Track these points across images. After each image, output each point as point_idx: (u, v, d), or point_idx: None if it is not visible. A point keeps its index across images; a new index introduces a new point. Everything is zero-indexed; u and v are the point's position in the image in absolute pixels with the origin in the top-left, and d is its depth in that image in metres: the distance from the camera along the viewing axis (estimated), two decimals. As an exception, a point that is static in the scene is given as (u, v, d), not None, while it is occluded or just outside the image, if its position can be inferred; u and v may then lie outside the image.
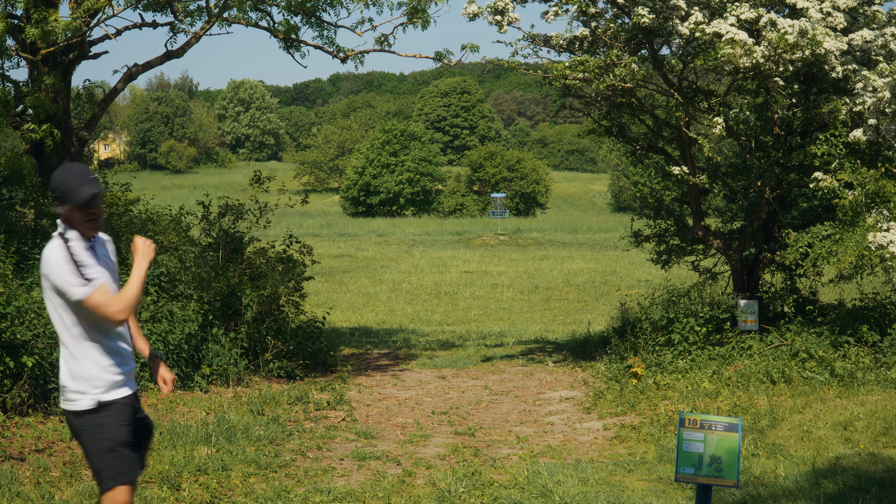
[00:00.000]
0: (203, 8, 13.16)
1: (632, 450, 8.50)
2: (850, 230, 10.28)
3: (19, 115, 11.70)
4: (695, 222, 12.90)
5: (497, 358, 14.35)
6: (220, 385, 10.54)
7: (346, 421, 9.80)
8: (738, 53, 10.55)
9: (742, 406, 9.32)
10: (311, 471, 7.75)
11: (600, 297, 23.84)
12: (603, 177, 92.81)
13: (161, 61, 12.95)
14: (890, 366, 9.87)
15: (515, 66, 12.62)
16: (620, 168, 72.52)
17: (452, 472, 7.65)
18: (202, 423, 8.60)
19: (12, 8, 11.14)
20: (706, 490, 5.49)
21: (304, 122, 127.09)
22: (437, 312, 21.33)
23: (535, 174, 74.21)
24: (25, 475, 6.94)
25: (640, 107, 12.68)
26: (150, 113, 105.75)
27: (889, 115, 10.57)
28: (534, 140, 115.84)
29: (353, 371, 12.90)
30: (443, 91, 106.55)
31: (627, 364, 11.31)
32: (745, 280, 12.52)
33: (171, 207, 13.33)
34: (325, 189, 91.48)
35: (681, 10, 11.07)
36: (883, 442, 7.90)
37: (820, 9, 11.02)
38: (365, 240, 44.79)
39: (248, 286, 11.76)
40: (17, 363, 8.02)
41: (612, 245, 39.61)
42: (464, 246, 41.62)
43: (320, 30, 13.88)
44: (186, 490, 6.89)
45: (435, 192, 75.89)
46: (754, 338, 11.32)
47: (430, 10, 13.48)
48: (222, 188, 74.32)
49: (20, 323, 8.22)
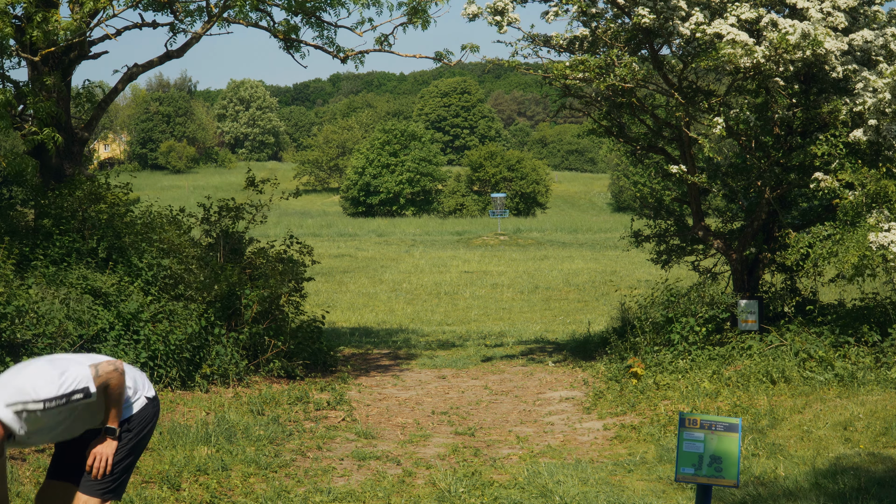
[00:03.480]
0: (203, 8, 13.17)
1: (632, 450, 8.50)
2: (851, 230, 10.28)
3: (20, 115, 11.70)
4: (695, 222, 12.90)
5: (497, 358, 14.35)
6: (220, 385, 10.54)
7: (346, 421, 9.80)
8: (739, 54, 10.55)
9: (742, 406, 9.32)
10: (311, 471, 7.75)
11: (600, 297, 23.83)
12: (603, 177, 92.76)
13: (161, 61, 12.95)
14: (890, 366, 9.87)
15: (515, 66, 12.62)
16: (620, 168, 72.54)
17: (452, 472, 7.66)
18: (202, 423, 8.60)
19: (13, 8, 11.13)
20: (706, 490, 5.49)
21: (304, 122, 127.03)
22: (437, 312, 21.33)
23: (535, 174, 74.16)
24: (25, 475, 6.94)
25: (641, 107, 12.69)
26: (149, 113, 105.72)
27: (889, 115, 10.57)
28: (534, 140, 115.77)
29: (353, 371, 12.90)
30: (443, 91, 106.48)
31: (627, 364, 11.31)
32: (745, 280, 12.52)
33: (172, 208, 13.33)
34: (325, 189, 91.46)
35: (681, 10, 11.07)
36: (883, 442, 7.91)
37: (820, 9, 11.03)
38: (365, 240, 44.79)
39: (248, 286, 11.76)
40: (17, 363, 8.02)
41: (612, 245, 39.61)
42: (464, 246, 41.62)
43: (320, 30, 13.89)
44: (186, 490, 6.90)
45: (435, 192, 75.85)
46: (754, 338, 11.32)
47: (430, 10, 13.50)
48: (222, 188, 74.25)
49: (20, 323, 8.23)
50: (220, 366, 10.62)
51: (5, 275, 8.69)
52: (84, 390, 4.47)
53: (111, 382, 4.62)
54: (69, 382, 4.45)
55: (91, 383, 4.51)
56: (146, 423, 4.87)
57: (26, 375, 4.44)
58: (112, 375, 4.62)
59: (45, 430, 4.51)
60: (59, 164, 12.12)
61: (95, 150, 78.74)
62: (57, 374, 4.45)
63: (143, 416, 4.85)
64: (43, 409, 4.38)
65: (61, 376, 4.44)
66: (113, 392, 4.64)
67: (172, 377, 9.98)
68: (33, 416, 4.39)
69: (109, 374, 4.62)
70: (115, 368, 4.65)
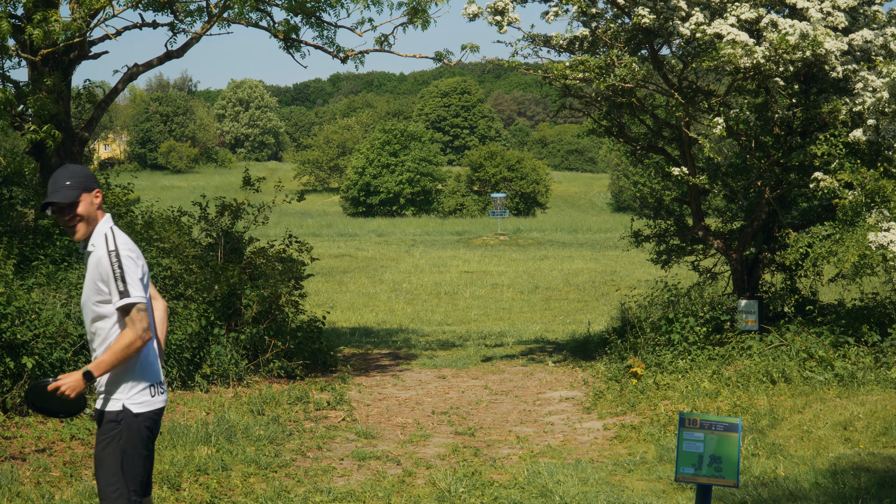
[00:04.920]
0: (203, 8, 13.17)
1: (632, 450, 8.50)
2: (851, 230, 10.29)
3: (20, 115, 11.71)
4: (695, 222, 12.91)
5: (497, 358, 14.35)
6: (220, 385, 10.55)
7: (346, 421, 9.81)
8: (739, 54, 10.56)
9: (742, 406, 9.32)
10: (311, 471, 7.75)
11: (600, 297, 23.83)
12: (603, 177, 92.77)
13: (161, 61, 12.96)
14: (890, 366, 9.87)
15: (515, 66, 12.63)
16: (620, 168, 72.56)
17: (452, 472, 7.66)
18: (202, 423, 8.61)
19: (13, 8, 11.14)
20: (706, 490, 5.49)
21: (304, 122, 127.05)
22: (437, 312, 21.33)
23: (535, 174, 74.18)
24: (25, 475, 6.95)
25: (641, 107, 12.69)
26: (149, 113, 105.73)
27: (889, 115, 10.58)
28: (534, 140, 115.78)
29: (354, 371, 12.90)
30: (443, 91, 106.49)
31: (627, 364, 11.31)
32: (745, 280, 12.53)
33: (172, 207, 13.34)
34: (325, 189, 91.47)
35: (681, 10, 11.07)
36: (883, 442, 7.91)
37: (820, 9, 11.03)
38: (365, 240, 44.77)
39: (248, 286, 11.77)
40: (17, 363, 8.03)
41: (612, 245, 39.61)
42: (464, 246, 41.61)
43: (320, 30, 13.89)
44: (186, 490, 6.90)
45: (435, 192, 75.84)
46: (754, 338, 11.32)
47: (430, 10, 13.48)
48: (222, 188, 74.26)
49: (20, 323, 8.23)
50: (220, 366, 10.63)
51: (5, 275, 8.69)
52: (125, 291, 4.41)
53: (129, 336, 4.42)
54: (132, 274, 4.46)
55: (131, 300, 4.41)
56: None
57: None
58: (137, 335, 4.42)
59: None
60: (60, 164, 12.12)
61: (95, 151, 78.68)
62: (137, 266, 4.51)
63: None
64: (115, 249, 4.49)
65: (138, 268, 4.50)
66: (120, 343, 4.42)
67: (173, 377, 9.99)
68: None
69: (140, 331, 4.43)
70: (139, 337, 4.42)
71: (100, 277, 4.50)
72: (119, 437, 4.48)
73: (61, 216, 4.57)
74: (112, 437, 4.48)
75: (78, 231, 4.57)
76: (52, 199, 4.52)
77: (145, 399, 4.54)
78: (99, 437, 4.53)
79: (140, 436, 4.52)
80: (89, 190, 4.58)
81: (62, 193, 4.52)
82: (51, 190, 4.53)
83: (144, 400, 4.54)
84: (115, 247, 4.50)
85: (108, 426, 4.50)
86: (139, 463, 4.52)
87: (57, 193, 4.52)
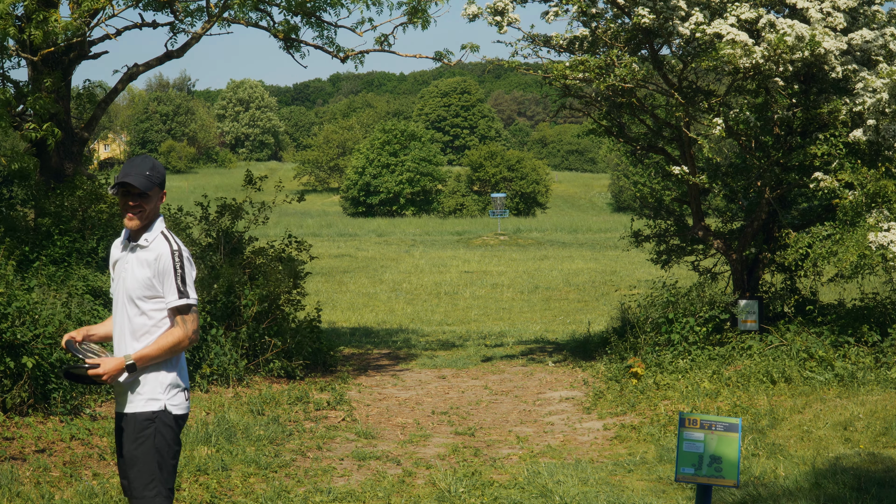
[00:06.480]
0: (203, 8, 13.18)
1: (632, 450, 8.50)
2: (851, 230, 10.29)
3: (20, 115, 11.71)
4: (695, 222, 12.90)
5: (497, 358, 14.35)
6: (220, 385, 10.55)
7: (346, 421, 9.81)
8: (739, 54, 10.56)
9: (742, 406, 9.32)
10: (311, 471, 7.75)
11: (600, 297, 23.83)
12: (603, 177, 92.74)
13: (161, 61, 12.96)
14: (890, 366, 9.88)
15: (515, 66, 12.63)
16: (620, 168, 72.54)
17: (452, 472, 7.66)
18: (202, 423, 8.61)
19: (13, 8, 11.14)
20: (706, 490, 5.49)
21: (304, 122, 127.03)
22: (437, 312, 21.32)
23: (535, 174, 74.19)
24: (25, 475, 6.95)
25: (640, 107, 12.69)
26: (149, 113, 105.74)
27: (889, 115, 10.58)
28: (534, 140, 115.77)
29: (354, 371, 12.90)
30: (443, 91, 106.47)
31: (627, 364, 11.31)
32: (745, 280, 12.53)
33: (171, 207, 13.32)
34: (325, 189, 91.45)
35: (681, 10, 11.07)
36: (883, 442, 7.91)
37: (820, 9, 11.03)
38: (365, 240, 44.77)
39: (247, 286, 11.76)
40: (18, 363, 8.03)
41: (612, 245, 39.60)
42: (464, 246, 41.61)
43: (320, 30, 13.90)
44: (186, 490, 6.90)
45: (435, 192, 75.83)
46: (754, 338, 11.32)
47: (430, 10, 13.50)
48: (223, 188, 74.24)
49: (20, 323, 8.23)
50: (219, 366, 10.63)
51: (6, 275, 8.69)
52: (181, 291, 4.50)
53: (178, 335, 4.50)
54: (191, 276, 4.56)
55: (189, 301, 4.50)
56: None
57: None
58: (186, 335, 4.51)
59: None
60: (60, 163, 12.13)
61: (95, 150, 78.75)
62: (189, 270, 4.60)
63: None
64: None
65: (189, 271, 4.59)
66: (168, 340, 4.49)
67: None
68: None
69: (190, 332, 4.52)
70: (188, 337, 4.52)
71: (155, 274, 4.51)
72: (154, 437, 4.49)
73: (128, 200, 4.54)
74: (147, 437, 4.49)
75: (135, 220, 4.55)
76: (130, 180, 4.49)
77: (181, 402, 4.59)
78: (132, 436, 4.51)
79: (173, 437, 4.55)
80: (162, 187, 4.60)
81: (140, 179, 4.50)
82: (129, 172, 4.51)
83: (180, 402, 4.59)
84: (178, 247, 4.55)
85: (142, 424, 4.49)
86: (172, 464, 4.55)
87: (135, 177, 4.49)
